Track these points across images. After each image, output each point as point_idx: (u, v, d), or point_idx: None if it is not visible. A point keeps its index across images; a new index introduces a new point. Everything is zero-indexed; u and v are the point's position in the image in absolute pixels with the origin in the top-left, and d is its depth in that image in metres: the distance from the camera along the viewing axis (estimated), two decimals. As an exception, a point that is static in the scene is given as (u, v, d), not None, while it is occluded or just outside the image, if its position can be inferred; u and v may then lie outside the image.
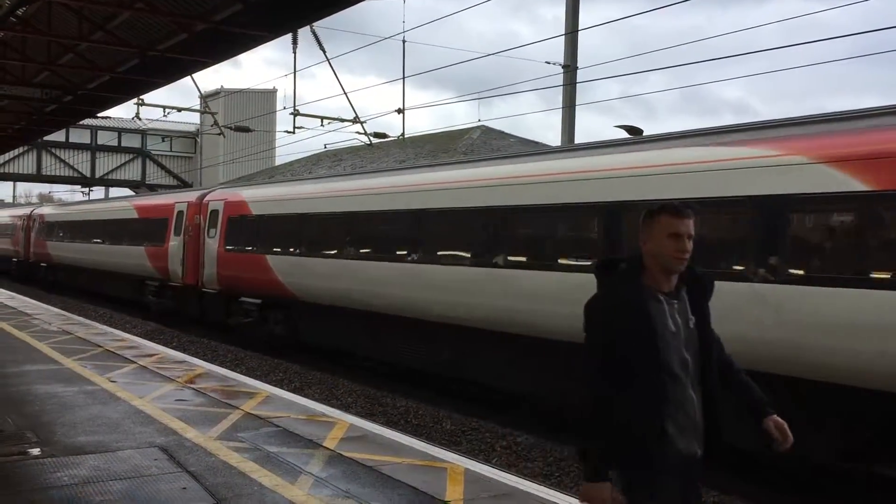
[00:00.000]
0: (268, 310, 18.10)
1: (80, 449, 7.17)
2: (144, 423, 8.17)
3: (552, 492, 6.43)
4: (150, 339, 17.28)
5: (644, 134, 16.02)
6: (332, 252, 15.83)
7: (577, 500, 6.26)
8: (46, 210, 38.71)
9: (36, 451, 7.09)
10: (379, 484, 6.29)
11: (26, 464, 6.73)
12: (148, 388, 10.10)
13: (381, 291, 14.29)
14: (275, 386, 12.84)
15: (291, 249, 17.13)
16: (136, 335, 17.65)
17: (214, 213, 20.52)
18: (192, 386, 10.35)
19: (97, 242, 28.99)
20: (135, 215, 26.33)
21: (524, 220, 12.13)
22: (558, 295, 10.66)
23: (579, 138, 23.55)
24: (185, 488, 6.12)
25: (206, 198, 21.41)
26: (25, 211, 41.18)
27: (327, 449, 7.31)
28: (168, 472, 6.54)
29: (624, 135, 17.22)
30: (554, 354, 10.75)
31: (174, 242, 22.31)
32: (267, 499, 5.89)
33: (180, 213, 22.27)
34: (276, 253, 17.60)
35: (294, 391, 13.22)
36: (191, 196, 22.62)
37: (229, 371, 12.58)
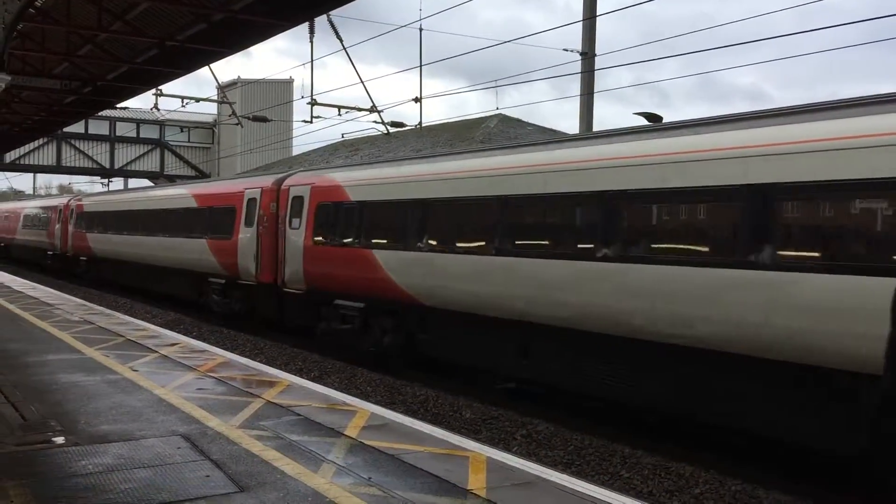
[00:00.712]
0: (373, 315, 15.06)
1: (103, 437, 7.22)
2: (167, 412, 8.21)
3: (575, 480, 6.41)
4: (171, 329, 17.41)
5: (664, 121, 15.69)
6: (477, 246, 12.69)
7: (598, 488, 6.26)
8: (87, 200, 34.98)
9: (60, 440, 7.15)
10: (401, 472, 6.30)
11: (51, 452, 6.78)
12: (170, 377, 10.16)
13: (556, 298, 11.06)
14: (295, 374, 12.90)
15: (411, 243, 13.94)
16: (157, 325, 17.76)
17: (298, 199, 17.48)
18: (213, 375, 10.40)
19: (147, 235, 25.99)
20: (193, 204, 23.14)
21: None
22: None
23: (595, 127, 23.39)
24: (207, 476, 6.15)
25: (286, 183, 18.36)
26: (61, 201, 37.82)
27: (349, 437, 7.32)
28: (191, 460, 6.57)
29: (644, 122, 17.06)
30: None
31: (245, 235, 19.36)
32: (289, 487, 5.91)
33: (252, 200, 19.31)
34: (387, 247, 14.58)
35: (314, 380, 13.27)
36: (264, 181, 19.53)
37: (250, 360, 12.63)
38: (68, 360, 11.30)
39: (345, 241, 15.83)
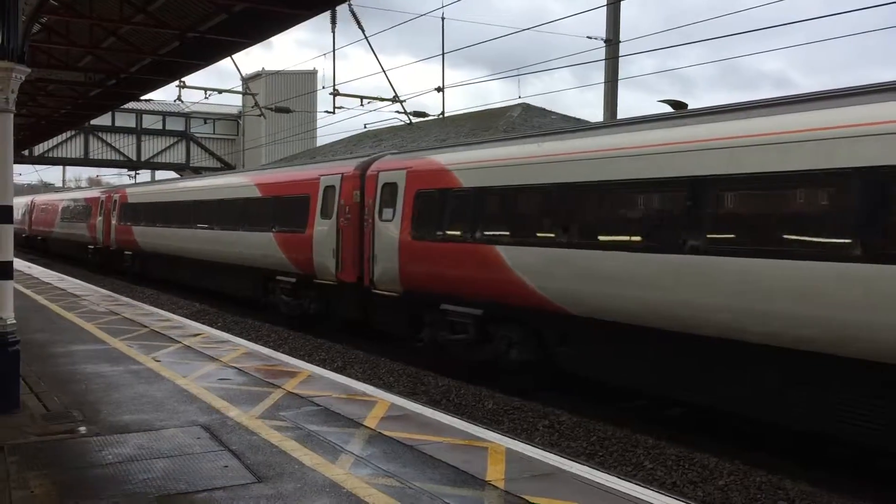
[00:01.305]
0: (493, 324, 12.73)
1: (124, 427, 7.26)
2: (187, 402, 8.24)
3: (595, 471, 6.33)
4: (196, 320, 17.52)
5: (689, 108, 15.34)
6: (658, 242, 9.99)
7: (618, 479, 6.17)
8: (131, 190, 32.35)
9: (82, 430, 7.20)
10: (419, 463, 6.25)
11: (73, 442, 6.82)
12: (191, 367, 10.20)
13: (791, 311, 8.43)
14: (318, 365, 12.91)
15: (553, 237, 11.55)
16: (182, 315, 17.88)
17: (390, 187, 15.02)
18: (234, 365, 10.43)
19: (202, 228, 23.69)
20: (257, 193, 20.67)
21: None
22: None
23: (619, 114, 23.13)
24: (226, 466, 6.15)
25: (373, 168, 15.87)
26: (102, 192, 35.45)
27: (368, 428, 7.29)
28: (210, 450, 6.58)
29: (668, 110, 16.83)
30: None
31: (322, 227, 16.99)
32: (307, 477, 5.89)
33: (329, 188, 16.98)
34: (515, 242, 12.09)
35: (337, 370, 13.28)
36: (344, 167, 17.12)
37: (272, 350, 12.66)
38: (93, 350, 11.40)
39: (456, 235, 13.35)
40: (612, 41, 23.03)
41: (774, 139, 8.86)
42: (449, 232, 13.50)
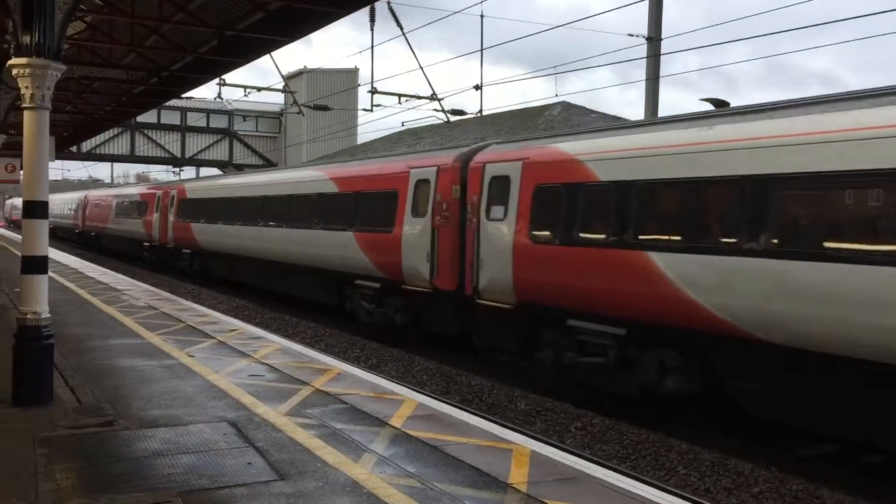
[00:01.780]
0: (641, 347, 10.58)
1: (153, 422, 7.31)
2: (217, 398, 8.29)
3: (621, 476, 6.20)
4: (234, 316, 17.66)
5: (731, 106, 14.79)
6: None
7: (644, 486, 6.04)
8: (189, 185, 31.08)
9: (112, 424, 7.26)
10: (442, 464, 6.19)
11: (102, 436, 6.89)
12: (224, 362, 10.27)
13: None
14: (352, 363, 12.94)
15: (737, 244, 9.10)
16: (220, 311, 18.05)
17: (500, 181, 13.02)
18: (266, 361, 10.47)
19: (269, 225, 21.88)
20: (333, 188, 18.74)
21: None
22: None
23: (659, 113, 22.82)
24: (249, 463, 6.15)
25: (478, 158, 13.90)
26: (159, 187, 34.43)
27: (393, 427, 7.25)
28: (235, 446, 6.60)
29: (710, 108, 16.53)
30: None
31: (413, 227, 15.16)
32: (329, 476, 5.87)
33: (422, 182, 15.13)
34: (680, 249, 9.81)
35: (370, 368, 13.31)
36: (440, 158, 15.14)
37: (304, 347, 12.71)
38: (129, 344, 11.55)
39: (591, 238, 11.30)
40: (654, 39, 22.70)
41: None
42: (582, 234, 11.46)
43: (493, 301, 12.96)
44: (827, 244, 8.33)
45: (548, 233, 11.99)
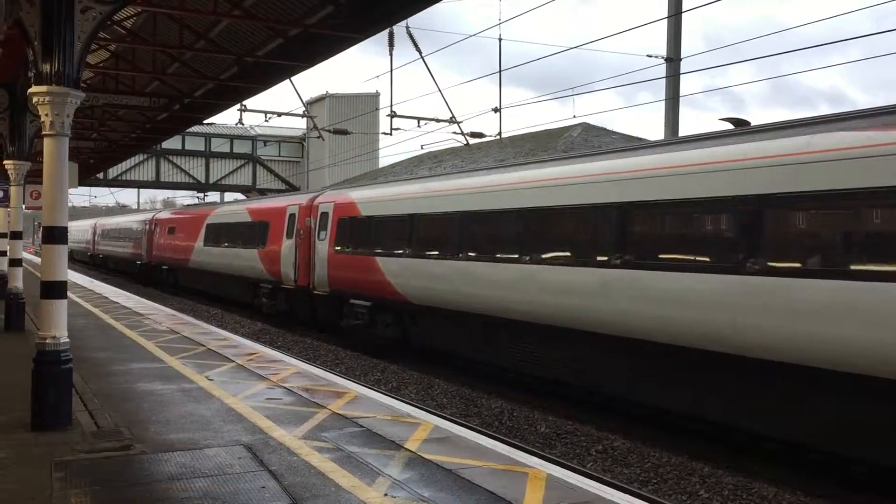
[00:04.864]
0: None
1: (169, 446, 7.32)
2: (234, 421, 8.29)
3: (636, 500, 6.10)
4: (256, 340, 17.75)
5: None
6: None
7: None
8: (362, 194, 19.07)
9: (129, 448, 7.26)
10: (456, 488, 6.13)
11: (118, 460, 6.90)
12: (241, 386, 10.28)
13: None
14: (371, 386, 12.91)
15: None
16: (241, 335, 18.14)
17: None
18: (283, 385, 10.47)
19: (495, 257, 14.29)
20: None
21: None
22: None
23: (670, 133, 22.76)
24: (263, 487, 6.13)
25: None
26: (282, 202, 24.00)
27: (408, 450, 7.20)
28: (250, 470, 6.58)
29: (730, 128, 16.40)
30: None
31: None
32: (342, 500, 5.82)
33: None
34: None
35: (391, 391, 13.28)
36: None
37: (321, 370, 12.70)
38: (149, 368, 11.60)
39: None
40: (673, 59, 22.68)
41: None
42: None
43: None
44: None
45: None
